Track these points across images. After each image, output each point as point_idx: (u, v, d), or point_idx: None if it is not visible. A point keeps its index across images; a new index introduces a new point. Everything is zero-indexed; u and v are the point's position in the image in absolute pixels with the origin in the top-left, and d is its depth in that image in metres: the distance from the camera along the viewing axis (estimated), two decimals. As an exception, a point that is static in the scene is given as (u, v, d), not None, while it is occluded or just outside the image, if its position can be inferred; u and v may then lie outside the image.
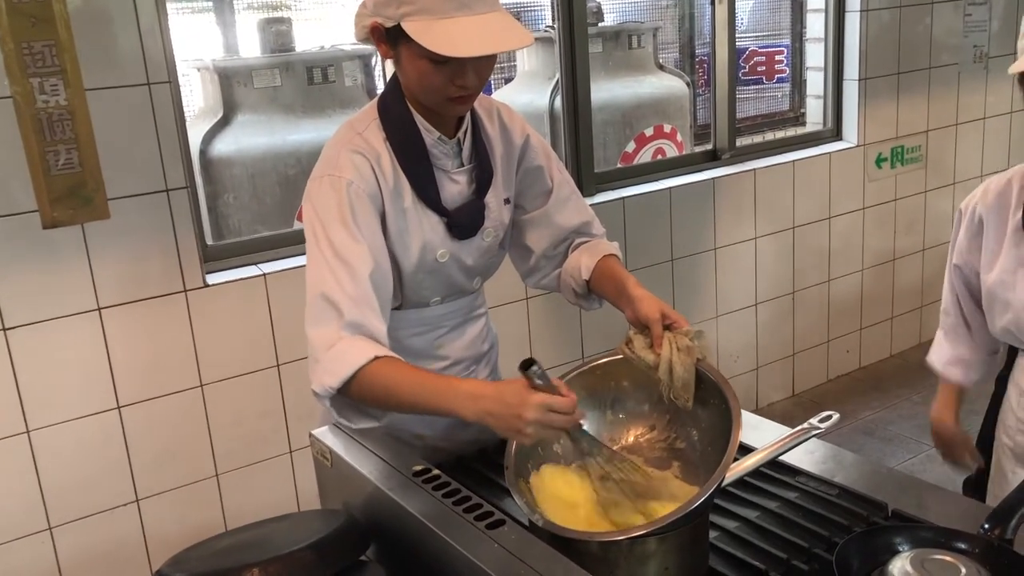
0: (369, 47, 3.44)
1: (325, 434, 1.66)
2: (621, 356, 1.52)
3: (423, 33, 1.44)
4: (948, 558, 1.20)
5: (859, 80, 4.16)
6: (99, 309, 2.60)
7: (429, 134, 1.61)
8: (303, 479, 3.01)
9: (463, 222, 1.66)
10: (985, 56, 4.51)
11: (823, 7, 4.20)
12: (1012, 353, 1.88)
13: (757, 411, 3.88)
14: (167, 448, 2.77)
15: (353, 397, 1.49)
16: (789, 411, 4.11)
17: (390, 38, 1.52)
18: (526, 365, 1.33)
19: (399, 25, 1.47)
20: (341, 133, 1.64)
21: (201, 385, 2.79)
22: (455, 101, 1.55)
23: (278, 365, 2.90)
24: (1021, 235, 1.72)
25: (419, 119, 1.60)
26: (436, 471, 1.47)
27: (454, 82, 1.51)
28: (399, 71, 1.58)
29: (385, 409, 1.54)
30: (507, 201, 1.74)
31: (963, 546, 1.25)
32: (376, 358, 1.46)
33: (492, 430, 1.38)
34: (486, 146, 1.69)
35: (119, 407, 2.68)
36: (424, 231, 1.63)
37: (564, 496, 1.41)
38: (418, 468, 1.48)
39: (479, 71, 1.52)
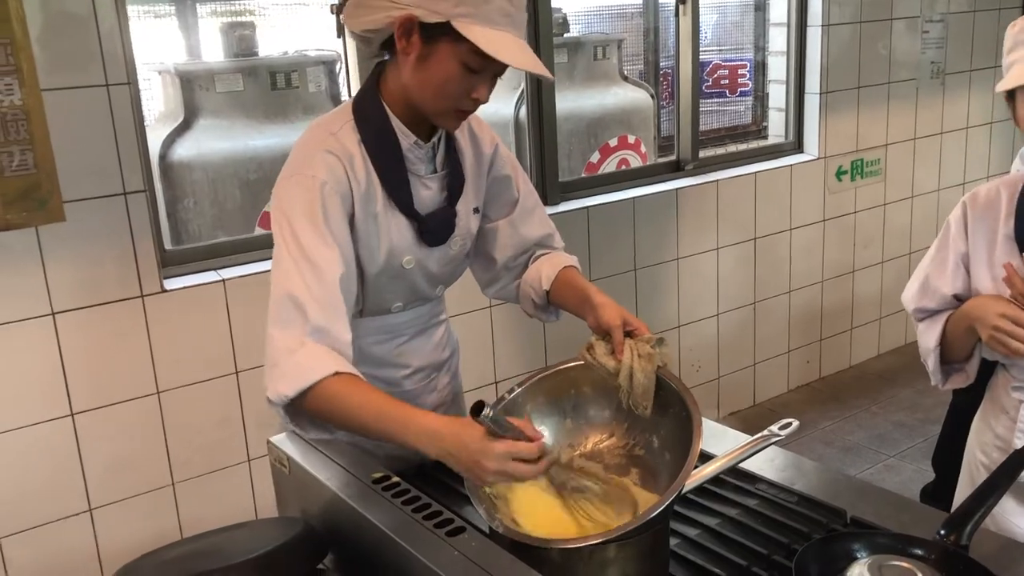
0: (331, 53, 3.43)
1: (283, 441, 1.63)
2: (582, 362, 1.52)
3: (478, 36, 1.42)
4: (905, 564, 1.22)
5: (820, 94, 4.22)
6: (53, 314, 2.54)
7: (405, 138, 1.59)
8: (261, 488, 2.97)
9: (434, 228, 1.64)
10: (942, 72, 4.60)
11: (785, 22, 4.26)
12: (985, 367, 1.86)
13: (718, 420, 3.90)
14: (122, 456, 2.72)
15: (307, 410, 1.44)
16: (750, 420, 4.14)
17: (425, 34, 1.46)
18: (476, 410, 1.25)
19: (446, 23, 1.43)
20: (313, 133, 1.60)
21: (158, 392, 2.74)
22: (458, 114, 1.54)
23: (236, 372, 2.86)
24: (1012, 244, 1.72)
25: (396, 122, 1.58)
26: (396, 478, 1.46)
27: (470, 94, 1.50)
28: (409, 70, 1.51)
29: (339, 428, 1.48)
30: (476, 211, 1.74)
31: (920, 552, 1.27)
32: (337, 373, 1.41)
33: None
34: (458, 154, 1.69)
35: (72, 414, 2.62)
36: (392, 236, 1.61)
37: (527, 503, 1.40)
38: (377, 475, 1.47)
39: (489, 89, 1.53)
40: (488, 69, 1.48)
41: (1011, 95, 1.68)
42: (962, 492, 1.90)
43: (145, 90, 2.87)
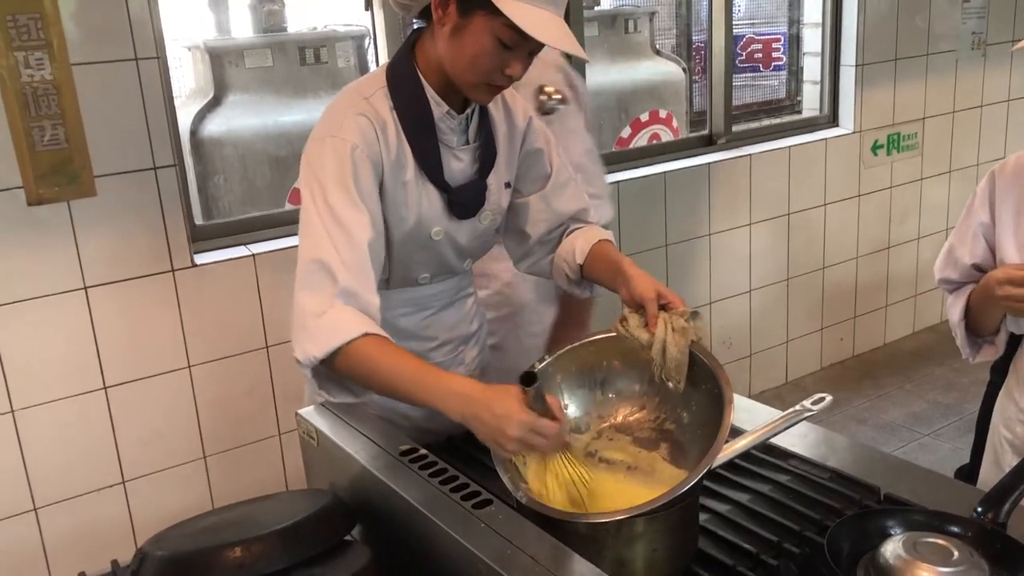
0: (360, 28, 3.41)
1: (311, 413, 1.63)
2: (615, 334, 1.50)
3: (514, 11, 1.40)
4: (941, 541, 1.18)
5: (856, 66, 4.13)
6: (85, 288, 2.57)
7: (438, 107, 1.57)
8: (291, 461, 2.99)
9: (464, 200, 1.63)
10: (983, 43, 4.49)
11: (821, -8, 4.17)
12: (1012, 342, 1.83)
13: (750, 398, 3.87)
14: (154, 429, 2.75)
15: (336, 371, 1.45)
16: (782, 398, 4.10)
17: (461, 5, 1.45)
18: (527, 380, 1.28)
19: None
20: (347, 95, 1.59)
21: (188, 366, 2.76)
22: (490, 88, 1.53)
23: (267, 347, 2.88)
24: None
25: (429, 91, 1.57)
26: (423, 451, 1.45)
27: (504, 70, 1.48)
28: (443, 40, 1.50)
29: (368, 388, 1.49)
30: (507, 185, 1.72)
31: (956, 530, 1.24)
32: (366, 334, 1.42)
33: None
34: (491, 127, 1.67)
35: (105, 387, 2.65)
36: (422, 206, 1.59)
37: (557, 474, 1.38)
38: (405, 448, 1.46)
39: (524, 66, 1.50)
40: (522, 46, 1.46)
41: None
42: (987, 468, 1.87)
43: (175, 67, 2.88)
